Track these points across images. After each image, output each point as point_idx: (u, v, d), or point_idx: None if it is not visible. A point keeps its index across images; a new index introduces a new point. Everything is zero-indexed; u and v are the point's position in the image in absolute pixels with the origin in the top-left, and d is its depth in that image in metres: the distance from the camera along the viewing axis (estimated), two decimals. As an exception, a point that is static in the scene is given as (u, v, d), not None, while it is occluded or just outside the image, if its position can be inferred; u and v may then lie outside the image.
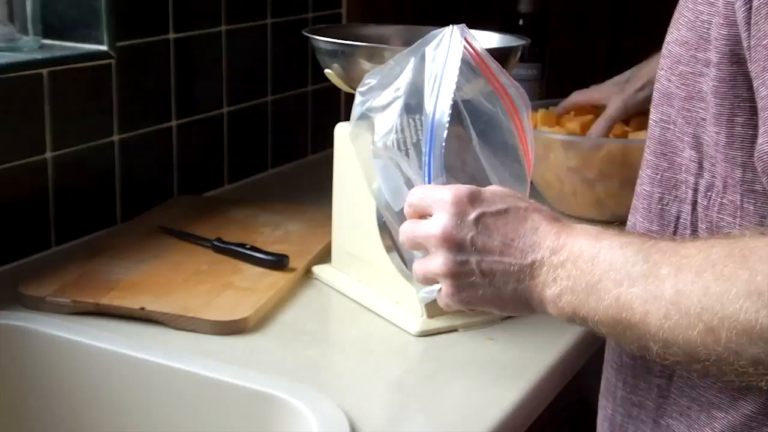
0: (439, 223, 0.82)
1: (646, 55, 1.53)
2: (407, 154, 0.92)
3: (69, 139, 1.22)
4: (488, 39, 1.18)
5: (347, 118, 1.16)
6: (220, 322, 1.02)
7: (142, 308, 1.03)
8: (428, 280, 0.85)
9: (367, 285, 1.11)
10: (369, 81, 0.95)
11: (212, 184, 1.50)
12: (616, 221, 1.35)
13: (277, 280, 1.13)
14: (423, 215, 0.85)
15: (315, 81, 1.66)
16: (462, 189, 0.82)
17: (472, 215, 0.81)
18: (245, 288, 1.10)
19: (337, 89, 1.12)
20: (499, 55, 1.11)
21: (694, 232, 0.78)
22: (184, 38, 1.39)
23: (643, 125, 1.41)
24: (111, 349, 0.97)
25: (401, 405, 0.91)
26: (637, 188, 0.87)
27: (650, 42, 1.69)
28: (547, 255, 0.78)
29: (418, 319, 1.03)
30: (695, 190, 0.78)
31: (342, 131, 1.12)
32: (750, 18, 0.69)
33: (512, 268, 0.79)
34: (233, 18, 1.47)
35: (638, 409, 0.83)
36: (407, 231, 0.86)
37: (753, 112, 0.71)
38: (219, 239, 1.20)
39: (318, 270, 1.18)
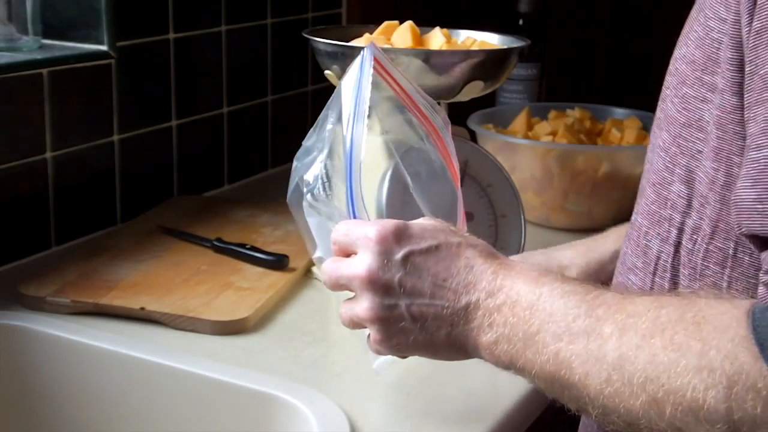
0: (363, 263, 0.74)
1: (646, 54, 1.52)
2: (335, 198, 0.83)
3: (69, 139, 1.22)
4: (488, 39, 1.18)
5: (347, 118, 1.16)
6: (220, 322, 1.02)
7: (142, 308, 1.03)
8: (355, 325, 0.78)
9: (367, 285, 1.11)
10: (303, 145, 0.87)
11: (212, 184, 1.50)
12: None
13: (277, 280, 1.13)
14: (348, 253, 0.78)
15: (315, 81, 1.66)
16: (388, 225, 0.75)
17: (400, 254, 0.74)
18: (245, 288, 1.10)
19: (337, 89, 1.12)
20: (499, 55, 1.12)
21: (675, 276, 0.73)
22: (184, 38, 1.38)
23: None
24: (111, 349, 0.97)
25: (401, 405, 0.91)
26: (633, 216, 0.81)
27: (650, 42, 1.70)
28: (482, 297, 0.72)
29: (418, 319, 1.03)
30: (680, 231, 0.72)
31: (342, 131, 1.12)
32: (750, 41, 0.63)
33: (445, 311, 0.73)
34: (233, 18, 1.47)
35: None
36: (329, 271, 0.78)
37: None
38: (219, 239, 1.20)
39: (318, 270, 1.18)
